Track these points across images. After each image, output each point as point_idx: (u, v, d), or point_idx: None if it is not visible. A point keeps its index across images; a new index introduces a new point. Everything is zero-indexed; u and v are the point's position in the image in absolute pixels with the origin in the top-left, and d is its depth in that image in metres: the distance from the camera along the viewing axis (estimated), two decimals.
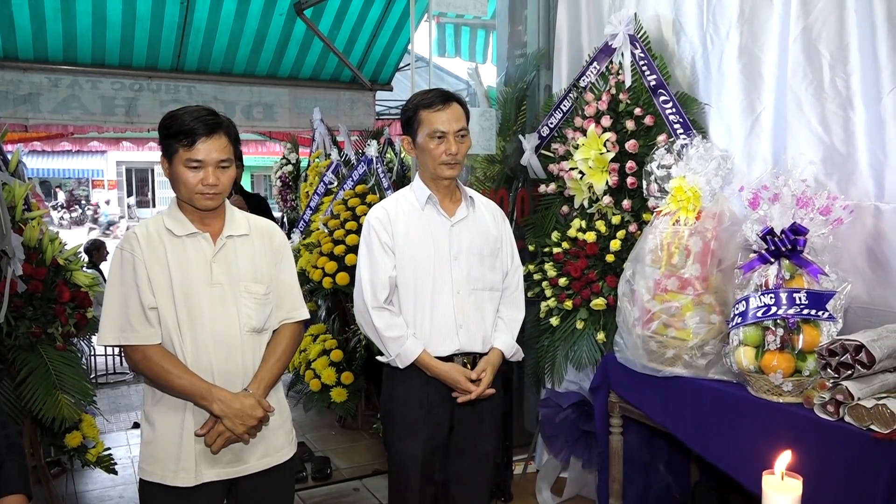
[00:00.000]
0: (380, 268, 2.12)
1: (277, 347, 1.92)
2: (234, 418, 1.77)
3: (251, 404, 1.79)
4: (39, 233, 2.88)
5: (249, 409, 1.78)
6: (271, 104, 5.97)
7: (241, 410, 1.77)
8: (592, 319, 2.81)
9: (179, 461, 1.79)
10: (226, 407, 1.76)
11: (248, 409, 1.78)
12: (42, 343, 2.80)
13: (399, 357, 2.11)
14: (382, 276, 2.12)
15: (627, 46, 2.81)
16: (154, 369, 1.76)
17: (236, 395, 1.79)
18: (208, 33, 5.36)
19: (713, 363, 2.07)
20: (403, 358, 2.11)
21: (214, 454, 1.80)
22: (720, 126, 2.63)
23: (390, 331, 2.11)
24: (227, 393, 1.78)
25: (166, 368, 1.75)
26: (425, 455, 2.14)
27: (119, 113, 5.45)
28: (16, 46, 4.98)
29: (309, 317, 2.03)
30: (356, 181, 4.20)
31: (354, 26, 5.75)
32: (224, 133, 1.79)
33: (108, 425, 4.65)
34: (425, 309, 2.12)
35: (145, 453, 1.84)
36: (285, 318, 1.96)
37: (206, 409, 1.77)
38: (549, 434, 3.11)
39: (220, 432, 1.78)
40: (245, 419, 1.78)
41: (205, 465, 1.81)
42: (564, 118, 3.07)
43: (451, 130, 2.09)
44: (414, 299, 2.13)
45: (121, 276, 1.79)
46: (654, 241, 2.25)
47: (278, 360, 1.91)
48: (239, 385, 1.82)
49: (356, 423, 4.36)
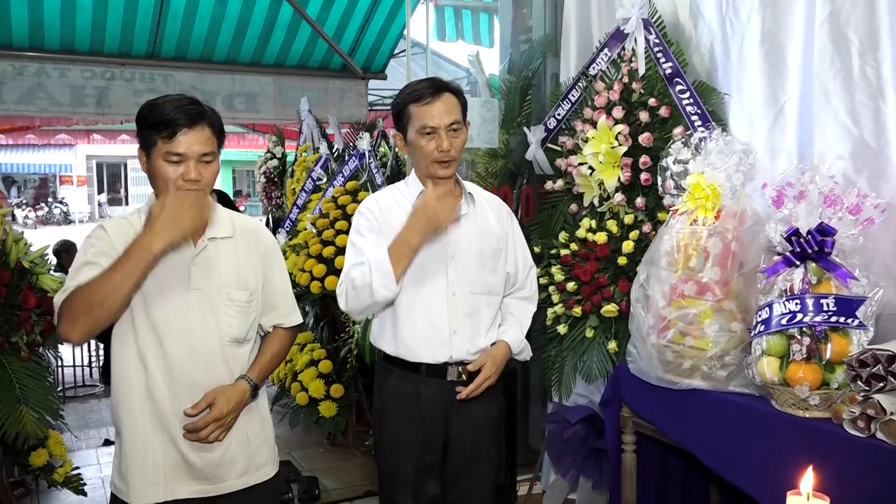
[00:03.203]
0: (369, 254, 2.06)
1: (271, 348, 1.96)
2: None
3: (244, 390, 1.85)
4: (3, 233, 2.89)
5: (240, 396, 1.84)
6: (255, 94, 5.97)
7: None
8: (603, 327, 2.81)
9: (146, 476, 1.79)
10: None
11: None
12: (5, 353, 2.80)
13: (378, 271, 2.00)
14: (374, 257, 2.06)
15: (641, 31, 2.81)
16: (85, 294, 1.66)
17: (231, 385, 1.83)
18: (187, 17, 5.36)
19: (734, 375, 2.08)
20: (381, 265, 2.00)
21: (208, 441, 1.80)
22: (741, 118, 2.64)
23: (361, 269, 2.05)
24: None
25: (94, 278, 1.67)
26: (417, 473, 2.14)
27: (89, 103, 5.45)
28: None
29: (302, 321, 2.04)
30: (347, 177, 4.21)
31: (346, 10, 5.75)
32: (207, 124, 1.79)
33: (76, 442, 4.65)
34: (418, 313, 2.12)
35: (114, 465, 1.85)
36: (278, 322, 1.98)
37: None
38: (556, 452, 3.11)
39: (215, 418, 1.78)
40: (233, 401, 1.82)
41: (177, 482, 1.81)
42: (573, 109, 3.08)
43: (442, 125, 2.08)
44: (406, 302, 2.12)
45: (83, 260, 1.75)
46: (669, 243, 2.26)
47: (273, 358, 1.95)
48: None
49: (347, 440, 4.36)
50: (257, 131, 8.77)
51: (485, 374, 2.11)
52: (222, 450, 1.84)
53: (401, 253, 2.02)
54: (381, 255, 2.03)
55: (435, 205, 2.00)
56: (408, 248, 2.03)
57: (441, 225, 2.04)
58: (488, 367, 2.12)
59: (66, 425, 3.39)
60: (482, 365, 2.12)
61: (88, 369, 6.41)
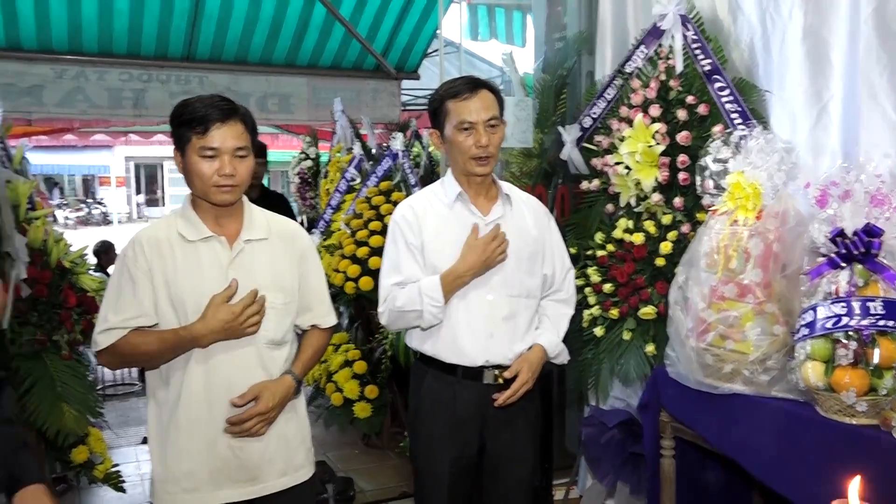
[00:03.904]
0: (406, 272, 2.13)
1: (311, 345, 2.01)
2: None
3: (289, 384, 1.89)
4: (44, 233, 2.95)
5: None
6: (288, 95, 6.03)
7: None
8: (641, 330, 2.78)
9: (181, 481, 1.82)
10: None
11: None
12: (47, 351, 2.86)
13: (428, 298, 2.06)
14: (409, 282, 2.12)
15: (679, 28, 2.78)
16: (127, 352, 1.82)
17: (276, 380, 1.87)
18: (221, 19, 5.44)
19: (777, 380, 2.04)
20: (432, 292, 2.06)
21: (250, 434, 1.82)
22: (783, 115, 2.59)
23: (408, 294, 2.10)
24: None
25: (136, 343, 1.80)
26: (453, 476, 2.14)
27: (127, 105, 5.56)
28: (19, 36, 5.10)
29: (337, 322, 2.07)
30: (380, 177, 4.22)
31: (378, 10, 5.78)
32: (240, 120, 1.82)
33: (116, 440, 4.74)
34: (455, 316, 2.12)
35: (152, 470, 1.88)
36: (315, 322, 2.01)
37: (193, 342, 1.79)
38: (593, 456, 3.09)
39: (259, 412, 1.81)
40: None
41: (216, 486, 1.83)
42: (609, 108, 3.05)
43: (481, 120, 2.08)
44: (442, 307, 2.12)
45: (116, 280, 1.83)
46: (709, 244, 2.22)
47: (314, 356, 2.00)
48: None
49: (381, 442, 4.37)
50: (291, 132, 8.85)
51: (521, 380, 2.10)
52: (261, 450, 1.86)
53: (452, 286, 2.08)
54: (434, 284, 2.06)
55: (487, 247, 2.07)
56: (459, 283, 2.09)
57: (491, 265, 2.09)
58: (525, 373, 2.11)
59: (106, 423, 3.45)
60: (518, 371, 2.11)
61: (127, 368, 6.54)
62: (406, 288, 2.11)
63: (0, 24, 4.99)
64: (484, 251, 2.06)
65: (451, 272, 2.08)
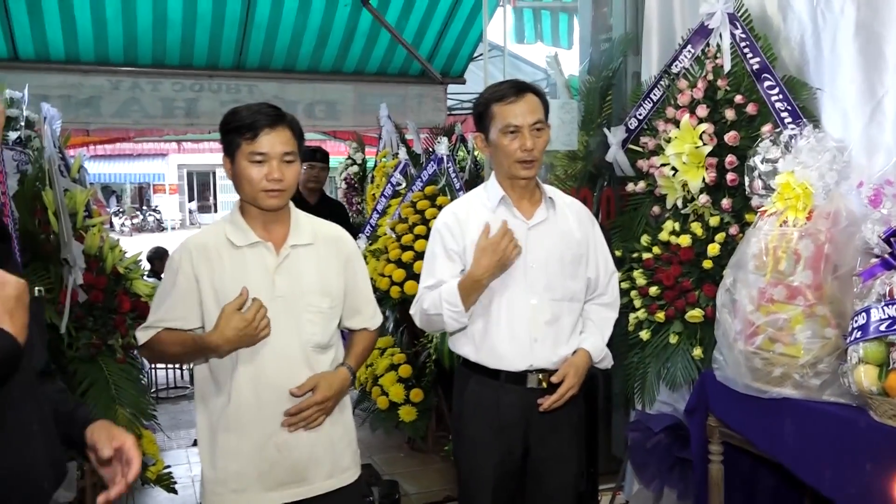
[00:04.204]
0: (439, 275, 2.14)
1: (362, 342, 2.06)
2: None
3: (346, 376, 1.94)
4: (100, 240, 3.05)
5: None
6: (335, 102, 6.12)
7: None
8: (688, 333, 2.74)
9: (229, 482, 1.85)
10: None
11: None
12: (102, 355, 2.96)
13: (447, 304, 2.08)
14: (438, 285, 2.13)
15: (726, 26, 2.74)
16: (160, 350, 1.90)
17: (332, 371, 1.92)
18: (270, 29, 5.56)
19: (828, 384, 1.99)
20: (451, 298, 2.08)
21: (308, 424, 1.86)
22: (834, 113, 2.53)
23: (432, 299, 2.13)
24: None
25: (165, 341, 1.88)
26: (497, 480, 2.14)
27: (179, 115, 5.72)
28: (77, 49, 5.30)
29: (381, 321, 2.11)
30: (426, 182, 4.26)
31: (424, 15, 5.83)
32: (287, 126, 1.87)
33: (167, 442, 4.85)
34: (497, 321, 2.12)
35: (202, 472, 1.92)
36: (364, 325, 2.06)
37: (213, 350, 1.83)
38: (639, 461, 3.06)
39: (317, 402, 1.85)
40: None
41: (263, 487, 1.86)
42: (655, 109, 3.02)
43: (526, 124, 2.09)
44: (485, 310, 2.13)
45: (163, 285, 1.92)
46: (758, 245, 2.19)
47: (364, 352, 2.06)
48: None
49: (426, 445, 4.39)
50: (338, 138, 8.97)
51: (567, 385, 2.10)
52: (309, 451, 1.88)
53: (470, 290, 2.08)
54: (451, 289, 2.08)
55: (498, 246, 2.05)
56: (478, 286, 2.09)
57: (507, 263, 2.08)
58: (570, 378, 2.10)
59: (159, 425, 3.54)
60: (565, 375, 2.10)
61: (179, 371, 6.69)
62: (433, 291, 2.13)
63: (59, 38, 5.19)
64: (495, 251, 2.04)
65: (468, 276, 2.08)
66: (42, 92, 4.86)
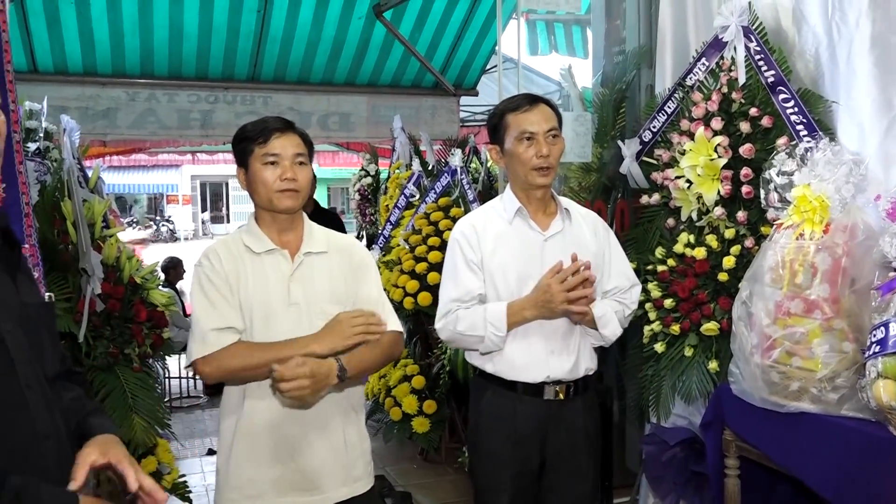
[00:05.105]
0: (465, 286, 2.14)
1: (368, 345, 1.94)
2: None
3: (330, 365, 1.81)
4: (117, 250, 3.08)
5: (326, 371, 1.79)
6: (348, 113, 6.16)
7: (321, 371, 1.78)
8: (703, 346, 2.73)
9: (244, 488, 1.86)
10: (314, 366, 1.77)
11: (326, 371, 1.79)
12: (119, 364, 2.97)
13: (492, 327, 2.07)
14: (468, 296, 2.14)
15: (741, 39, 2.74)
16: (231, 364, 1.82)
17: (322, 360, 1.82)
18: (285, 41, 5.61)
19: (846, 398, 1.97)
20: (496, 322, 2.06)
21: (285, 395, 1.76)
22: (851, 126, 2.52)
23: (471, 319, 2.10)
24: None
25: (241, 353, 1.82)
26: (513, 492, 2.14)
27: (195, 126, 5.77)
28: (95, 62, 5.36)
29: (402, 330, 2.04)
30: (439, 193, 4.27)
31: (437, 28, 5.86)
32: (297, 133, 1.93)
33: (181, 451, 4.87)
34: (514, 332, 2.12)
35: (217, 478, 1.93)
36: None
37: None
38: (654, 475, 3.04)
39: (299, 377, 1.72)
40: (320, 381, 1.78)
41: (277, 494, 1.87)
42: (669, 121, 3.02)
43: (541, 131, 2.10)
44: None
45: (202, 292, 1.88)
46: (774, 258, 2.18)
47: (366, 350, 1.89)
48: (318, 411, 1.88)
49: (440, 457, 4.38)
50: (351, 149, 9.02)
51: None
52: (321, 460, 1.89)
53: (515, 319, 2.09)
54: (499, 314, 2.07)
55: (556, 291, 2.03)
56: (522, 320, 2.09)
57: (556, 311, 2.07)
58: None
59: (173, 434, 3.55)
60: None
61: (192, 381, 6.73)
62: (470, 311, 2.12)
63: (78, 51, 5.25)
64: (546, 291, 2.04)
65: (516, 304, 2.09)
66: (60, 104, 4.92)
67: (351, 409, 1.97)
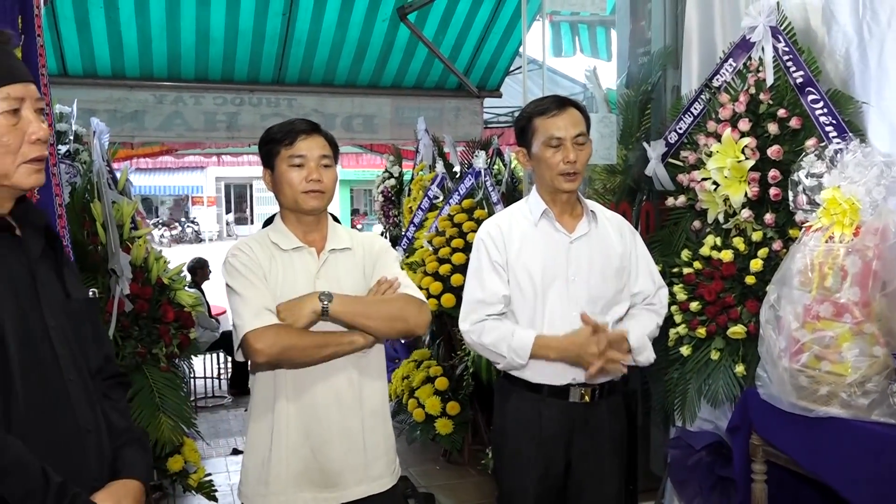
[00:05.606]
0: (490, 288, 2.15)
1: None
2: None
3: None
4: (145, 251, 3.12)
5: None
6: (372, 115, 6.19)
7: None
8: (730, 349, 2.70)
9: (269, 484, 1.89)
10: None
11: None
12: (147, 364, 3.02)
13: (513, 353, 2.09)
14: (492, 298, 2.14)
15: (769, 40, 2.71)
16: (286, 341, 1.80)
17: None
18: (310, 44, 5.65)
19: (877, 403, 1.95)
20: (519, 351, 2.09)
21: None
22: (881, 127, 2.49)
23: (497, 336, 2.12)
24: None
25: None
26: (538, 494, 2.14)
27: (220, 128, 5.84)
28: (123, 65, 5.44)
29: (422, 298, 2.00)
30: (463, 195, 4.27)
31: (461, 30, 5.88)
32: (322, 135, 1.96)
33: (207, 450, 4.91)
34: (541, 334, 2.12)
35: (241, 473, 1.96)
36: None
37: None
38: (679, 479, 3.01)
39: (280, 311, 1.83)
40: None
41: (299, 489, 1.89)
42: (695, 122, 3.00)
43: (569, 136, 2.10)
44: (528, 323, 2.13)
45: (243, 277, 1.87)
46: (802, 261, 2.16)
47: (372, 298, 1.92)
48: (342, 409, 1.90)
49: (463, 458, 4.39)
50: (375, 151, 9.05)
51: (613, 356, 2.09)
52: (342, 456, 1.91)
53: (538, 355, 2.10)
54: (524, 344, 2.08)
55: (588, 347, 2.05)
56: (545, 357, 2.10)
57: (584, 362, 2.08)
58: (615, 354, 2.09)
59: (199, 433, 3.59)
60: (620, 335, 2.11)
61: (218, 381, 6.79)
62: (499, 326, 2.12)
63: (106, 54, 5.34)
64: (580, 345, 2.06)
65: (543, 341, 2.09)
66: (89, 106, 5.00)
67: (372, 412, 1.98)
